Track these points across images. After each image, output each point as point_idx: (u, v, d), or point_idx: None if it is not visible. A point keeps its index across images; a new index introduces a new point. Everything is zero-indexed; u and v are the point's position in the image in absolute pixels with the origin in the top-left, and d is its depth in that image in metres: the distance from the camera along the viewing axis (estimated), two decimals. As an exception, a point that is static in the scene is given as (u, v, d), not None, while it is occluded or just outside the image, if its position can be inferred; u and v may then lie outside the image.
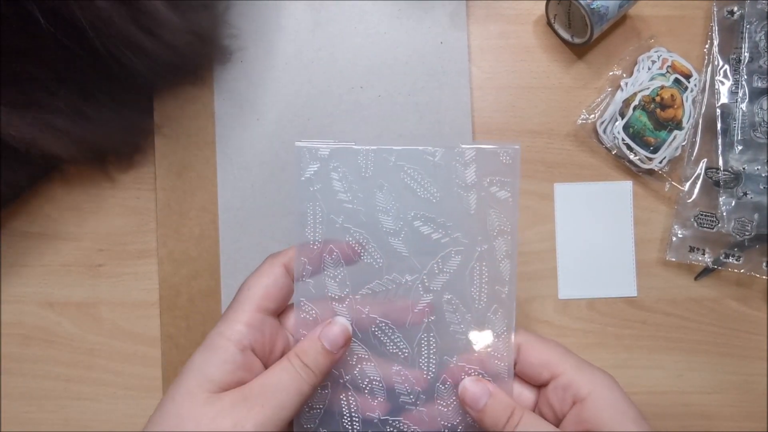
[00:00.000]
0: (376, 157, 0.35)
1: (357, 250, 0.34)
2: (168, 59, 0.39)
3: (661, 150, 0.46)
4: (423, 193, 0.35)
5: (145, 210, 0.46)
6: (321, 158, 0.34)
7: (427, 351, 0.35)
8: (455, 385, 0.34)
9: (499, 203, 0.35)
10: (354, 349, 0.35)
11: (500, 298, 0.35)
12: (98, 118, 0.41)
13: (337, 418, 0.35)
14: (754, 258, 0.46)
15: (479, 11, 0.48)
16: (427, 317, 0.35)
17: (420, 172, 0.35)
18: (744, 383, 0.47)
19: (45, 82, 0.38)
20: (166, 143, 0.45)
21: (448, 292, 0.35)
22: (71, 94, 0.39)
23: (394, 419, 0.35)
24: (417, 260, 0.35)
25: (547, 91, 0.48)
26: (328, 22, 0.46)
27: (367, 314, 0.34)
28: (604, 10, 0.43)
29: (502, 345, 0.34)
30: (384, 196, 0.35)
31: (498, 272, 0.35)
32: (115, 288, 0.46)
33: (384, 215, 0.35)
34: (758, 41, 0.46)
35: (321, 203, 0.35)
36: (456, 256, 0.35)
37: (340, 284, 0.35)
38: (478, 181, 0.35)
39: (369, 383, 0.35)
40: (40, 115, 0.38)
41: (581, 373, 0.32)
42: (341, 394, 0.35)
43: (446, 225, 0.35)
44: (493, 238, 0.35)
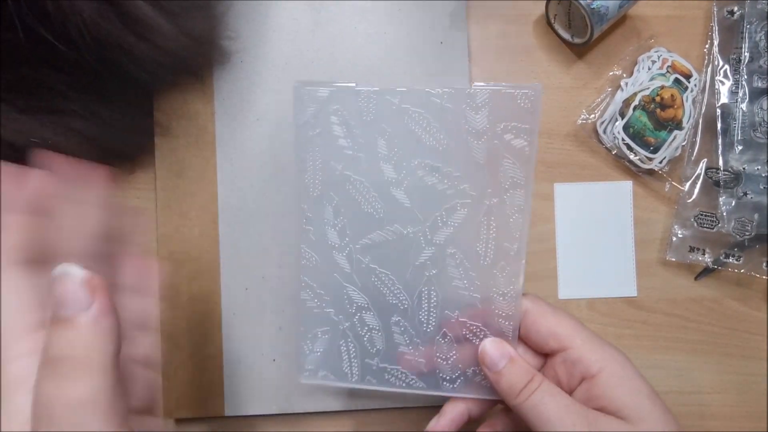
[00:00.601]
0: (378, 100, 0.32)
1: None
2: (164, 62, 0.40)
3: (661, 150, 0.46)
4: (428, 139, 0.32)
5: (146, 210, 0.46)
6: (320, 100, 0.33)
7: (428, 304, 0.34)
8: (456, 340, 0.34)
9: (514, 152, 0.32)
10: (353, 297, 0.34)
11: (508, 255, 0.33)
12: (111, 118, 0.41)
13: (336, 361, 0.35)
14: (754, 258, 0.46)
15: (479, 11, 0.48)
16: (429, 270, 0.34)
17: (426, 117, 0.32)
18: (744, 383, 0.47)
19: (57, 86, 0.38)
20: (167, 143, 0.45)
21: (452, 246, 0.33)
22: (84, 97, 0.39)
23: (392, 367, 0.35)
24: (420, 212, 0.33)
25: (547, 91, 0.48)
26: (328, 22, 0.46)
27: (367, 264, 0.34)
28: (604, 10, 0.43)
29: (507, 304, 0.33)
30: (386, 142, 0.33)
31: (508, 228, 0.33)
32: (115, 288, 0.46)
33: (386, 163, 0.33)
34: (758, 41, 0.46)
35: (320, 149, 0.33)
36: (462, 209, 0.33)
37: (339, 233, 0.34)
38: (490, 127, 0.32)
39: (368, 331, 0.34)
40: (59, 119, 0.39)
41: (592, 349, 0.31)
42: (340, 340, 0.35)
43: (453, 175, 0.32)
44: (505, 191, 0.32)
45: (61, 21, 0.34)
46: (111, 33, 0.35)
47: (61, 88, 0.38)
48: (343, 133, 0.33)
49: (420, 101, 0.32)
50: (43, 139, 0.38)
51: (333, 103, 0.33)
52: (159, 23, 0.37)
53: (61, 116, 0.39)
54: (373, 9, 0.46)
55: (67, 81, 0.38)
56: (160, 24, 0.37)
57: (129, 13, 0.36)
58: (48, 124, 0.38)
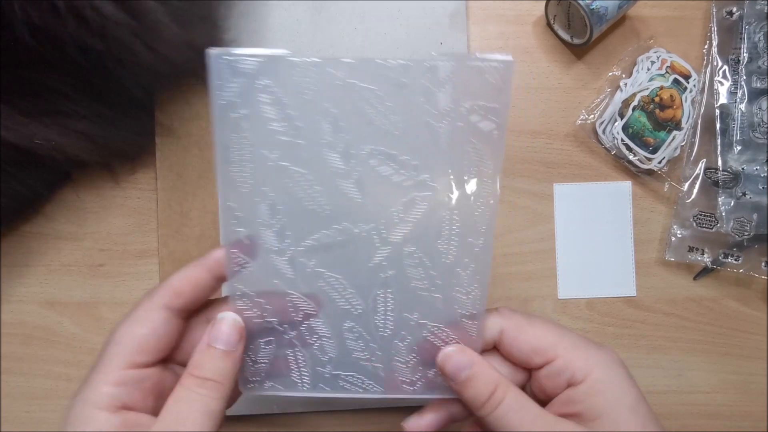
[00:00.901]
0: (319, 73, 0.27)
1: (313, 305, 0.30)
2: (166, 71, 0.40)
3: (660, 150, 0.46)
4: (382, 122, 0.27)
5: (146, 210, 0.46)
6: (246, 74, 0.26)
7: (384, 308, 0.30)
8: (416, 343, 0.30)
9: (482, 136, 0.27)
10: (299, 304, 0.30)
11: (473, 251, 0.29)
12: (113, 119, 0.41)
13: (285, 371, 0.31)
14: (753, 258, 0.46)
15: (479, 12, 0.48)
16: (385, 272, 0.29)
17: (378, 94, 0.27)
18: (743, 383, 0.47)
19: (60, 88, 0.38)
20: (168, 144, 0.45)
21: (410, 244, 0.29)
22: (86, 98, 0.39)
23: (346, 374, 0.31)
24: (373, 207, 0.28)
25: (547, 91, 0.48)
26: (328, 23, 0.46)
27: (313, 268, 0.29)
28: (603, 10, 0.43)
29: (471, 303, 0.29)
30: (331, 125, 0.27)
31: (472, 222, 0.28)
32: (116, 288, 0.46)
33: (331, 151, 0.28)
34: (757, 42, 0.46)
35: (248, 134, 0.27)
36: (422, 203, 0.28)
37: (278, 235, 0.28)
38: (454, 106, 0.27)
39: (318, 339, 0.30)
40: (61, 120, 0.39)
41: (577, 356, 0.28)
42: (287, 350, 0.31)
43: (411, 164, 0.28)
44: (470, 182, 0.28)
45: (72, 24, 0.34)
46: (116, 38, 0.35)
47: (64, 89, 0.38)
48: (277, 115, 0.27)
49: (371, 75, 0.27)
50: (47, 140, 0.38)
51: (262, 77, 0.26)
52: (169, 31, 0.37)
53: (63, 117, 0.39)
54: (373, 9, 0.47)
55: (70, 82, 0.38)
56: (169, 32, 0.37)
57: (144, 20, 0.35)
58: (51, 125, 0.38)
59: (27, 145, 0.38)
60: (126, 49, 0.36)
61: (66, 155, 0.40)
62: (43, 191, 0.44)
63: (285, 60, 0.26)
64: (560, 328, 0.30)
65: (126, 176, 0.46)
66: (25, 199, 0.43)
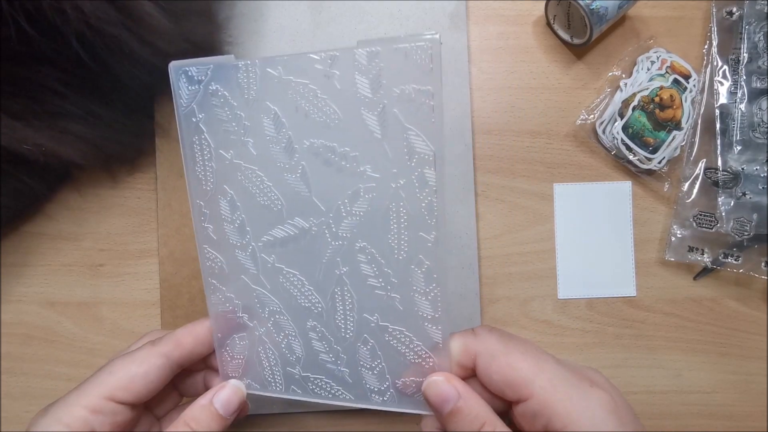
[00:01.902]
0: (259, 72, 0.28)
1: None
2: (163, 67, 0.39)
3: (660, 150, 0.46)
4: (318, 114, 0.27)
5: (146, 210, 0.46)
6: (199, 81, 0.29)
7: (343, 307, 0.29)
8: (379, 347, 0.29)
9: (417, 121, 0.26)
10: (264, 300, 0.30)
11: (425, 246, 0.27)
12: (111, 120, 0.41)
13: (258, 369, 0.31)
14: (753, 258, 0.46)
15: (479, 12, 0.48)
16: (339, 268, 0.29)
17: (311, 88, 0.27)
18: (743, 383, 0.47)
19: (54, 87, 0.38)
20: (167, 144, 0.45)
21: (361, 239, 0.28)
22: (82, 98, 0.39)
23: (315, 377, 0.30)
24: (320, 201, 0.28)
25: (547, 91, 0.48)
26: (328, 23, 0.46)
27: (273, 263, 0.30)
28: (603, 10, 0.43)
29: (432, 306, 0.27)
30: (272, 122, 0.28)
31: (420, 214, 0.27)
32: (116, 288, 0.46)
33: (275, 146, 0.28)
34: (757, 42, 0.46)
35: (207, 136, 0.29)
36: (366, 194, 0.28)
37: (239, 230, 0.30)
38: (385, 92, 0.26)
39: (285, 337, 0.31)
40: (55, 122, 0.38)
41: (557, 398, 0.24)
42: (258, 347, 0.31)
43: (350, 155, 0.27)
44: (413, 170, 0.26)
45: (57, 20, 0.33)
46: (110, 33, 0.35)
47: (59, 88, 0.38)
48: (227, 116, 0.29)
49: (303, 70, 0.27)
50: (37, 145, 0.38)
51: (213, 82, 0.29)
52: (162, 25, 0.37)
53: (57, 119, 0.38)
54: (373, 9, 0.47)
55: (65, 81, 0.38)
56: (163, 26, 0.37)
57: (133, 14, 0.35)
58: (44, 128, 0.38)
59: (18, 150, 0.37)
60: (120, 43, 0.36)
61: (60, 159, 0.39)
62: (43, 190, 0.44)
63: (229, 65, 0.28)
64: (541, 358, 0.26)
65: (125, 176, 0.46)
66: (25, 198, 0.43)
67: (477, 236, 0.46)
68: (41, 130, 0.38)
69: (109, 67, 0.37)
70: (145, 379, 0.29)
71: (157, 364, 0.29)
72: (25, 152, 0.38)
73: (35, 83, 0.37)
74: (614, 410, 0.24)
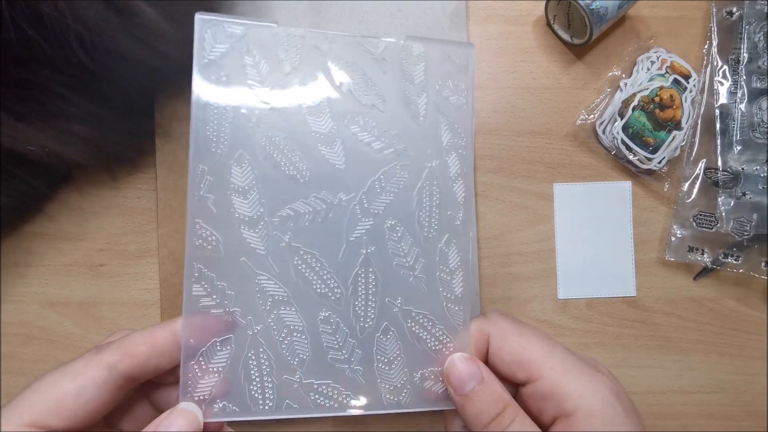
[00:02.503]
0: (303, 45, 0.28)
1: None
2: (165, 69, 0.40)
3: (660, 150, 0.46)
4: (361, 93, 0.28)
5: (146, 210, 0.46)
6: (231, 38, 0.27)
7: (365, 291, 0.28)
8: (400, 336, 0.28)
9: (453, 111, 0.29)
10: (268, 288, 0.27)
11: (453, 225, 0.29)
12: (112, 121, 0.41)
13: (243, 384, 0.26)
14: (752, 258, 0.46)
15: (479, 12, 0.48)
16: (366, 248, 0.28)
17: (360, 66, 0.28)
18: (743, 383, 0.47)
19: (56, 89, 0.38)
20: (167, 144, 0.45)
21: (392, 216, 0.28)
22: (84, 100, 0.39)
23: (320, 383, 0.27)
24: (354, 175, 0.28)
25: (547, 91, 0.48)
26: (328, 23, 0.46)
27: (288, 243, 0.27)
28: (603, 10, 0.43)
29: (457, 285, 0.28)
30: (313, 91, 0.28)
31: (451, 194, 0.29)
32: (116, 288, 0.46)
33: (312, 116, 0.27)
34: (757, 42, 0.46)
35: (229, 96, 0.27)
36: (402, 172, 0.28)
37: (251, 202, 0.27)
38: (428, 82, 0.29)
39: (288, 335, 0.27)
40: (58, 124, 0.38)
41: (566, 381, 0.25)
42: (249, 351, 0.26)
43: (390, 134, 0.28)
44: (446, 153, 0.29)
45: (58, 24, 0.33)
46: (112, 37, 0.35)
47: (60, 90, 0.38)
48: (260, 79, 0.27)
49: (352, 51, 0.28)
50: (41, 146, 0.38)
51: (248, 43, 0.27)
52: (163, 29, 0.37)
53: (60, 120, 0.39)
54: (373, 9, 0.47)
55: (67, 83, 0.38)
56: (164, 30, 0.37)
57: (132, 17, 0.35)
58: (47, 129, 0.38)
59: (21, 150, 0.37)
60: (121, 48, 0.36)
61: (62, 160, 0.39)
62: (44, 190, 0.44)
63: (272, 29, 0.27)
64: (551, 343, 0.27)
65: (126, 176, 0.46)
66: (27, 198, 0.43)
67: (477, 236, 0.46)
68: (44, 131, 0.38)
69: (110, 70, 0.37)
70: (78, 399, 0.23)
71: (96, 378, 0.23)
72: (29, 153, 0.38)
73: (38, 86, 0.37)
74: (617, 394, 0.25)
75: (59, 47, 0.34)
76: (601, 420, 0.24)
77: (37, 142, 0.37)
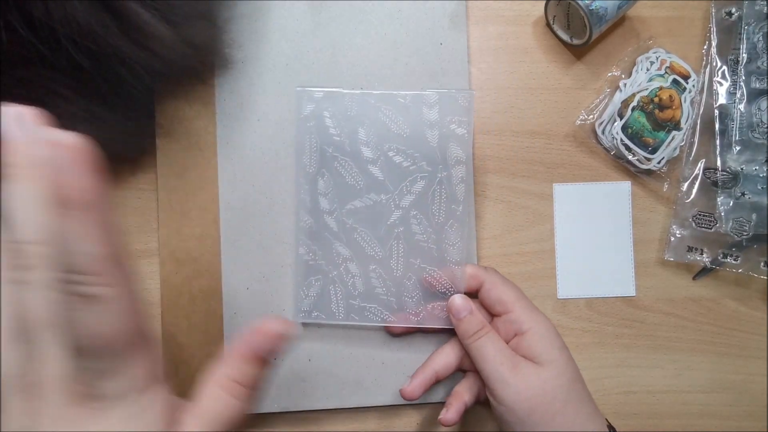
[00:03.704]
0: (359, 100, 0.43)
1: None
2: (163, 71, 0.40)
3: (660, 150, 0.46)
4: (396, 128, 0.43)
5: (147, 210, 0.46)
6: (316, 100, 0.44)
7: (396, 254, 0.44)
8: (419, 282, 0.43)
9: (457, 138, 0.43)
10: (340, 250, 0.44)
11: (456, 214, 0.43)
12: (113, 120, 0.41)
13: (326, 303, 0.44)
14: (752, 258, 0.46)
15: (479, 12, 0.48)
16: (397, 228, 0.43)
17: (393, 112, 0.43)
18: (743, 383, 0.47)
19: (58, 89, 0.38)
20: (168, 144, 0.46)
21: (414, 209, 0.43)
22: (86, 99, 0.39)
23: (370, 305, 0.44)
24: (390, 183, 0.43)
25: (546, 91, 0.48)
26: (329, 23, 0.47)
27: (351, 225, 0.44)
28: (602, 11, 0.44)
29: (457, 252, 0.43)
30: (365, 130, 0.43)
31: (454, 194, 0.43)
32: (117, 287, 0.46)
33: (364, 147, 0.43)
34: (756, 42, 0.46)
35: (315, 136, 0.43)
36: (421, 180, 0.43)
37: (330, 201, 0.44)
38: (440, 119, 0.43)
39: (351, 277, 0.44)
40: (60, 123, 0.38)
41: (526, 314, 0.40)
42: (330, 286, 0.44)
43: (414, 155, 0.43)
44: (451, 167, 0.43)
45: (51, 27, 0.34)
46: (107, 41, 0.35)
47: (61, 90, 0.38)
48: (333, 124, 0.43)
49: (389, 101, 0.43)
50: None
51: (325, 102, 0.43)
52: (159, 31, 0.37)
53: (63, 120, 0.39)
54: (373, 9, 0.47)
55: (67, 83, 0.38)
56: (160, 32, 0.37)
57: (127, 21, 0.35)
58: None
59: None
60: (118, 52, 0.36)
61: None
62: None
63: (339, 92, 0.44)
64: (521, 294, 0.42)
65: (126, 177, 0.46)
66: None
67: (476, 236, 0.46)
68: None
69: (108, 72, 0.38)
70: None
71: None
72: None
73: (40, 86, 0.37)
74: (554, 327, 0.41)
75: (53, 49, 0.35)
76: (542, 336, 0.40)
77: None
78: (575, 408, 0.38)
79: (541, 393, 0.38)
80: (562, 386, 0.38)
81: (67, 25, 0.34)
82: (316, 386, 0.45)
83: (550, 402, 0.37)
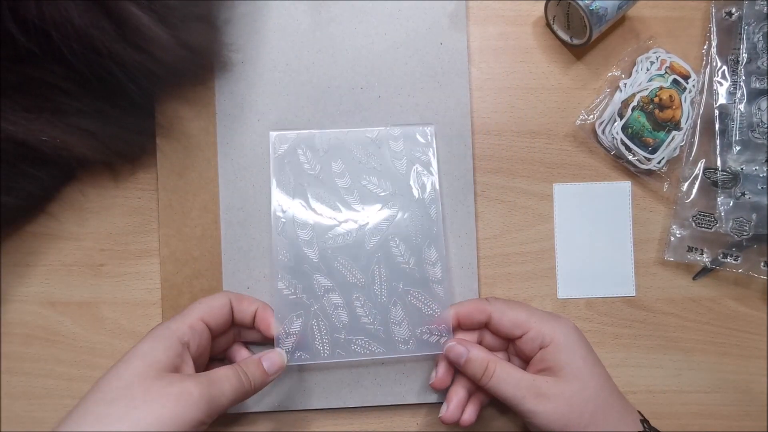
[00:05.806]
0: (331, 138, 0.45)
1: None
2: (161, 74, 0.40)
3: (660, 150, 0.46)
4: (367, 161, 0.45)
5: (147, 210, 0.46)
6: (289, 140, 0.45)
7: (379, 279, 0.44)
8: (404, 306, 0.43)
9: (423, 164, 0.45)
10: (321, 281, 0.43)
11: (432, 234, 0.44)
12: (115, 117, 0.41)
13: (310, 340, 0.43)
14: (752, 258, 0.46)
15: (479, 12, 0.48)
16: (377, 253, 0.44)
17: (364, 146, 0.45)
18: (742, 383, 0.47)
19: (63, 86, 0.38)
20: (168, 144, 0.46)
21: (392, 234, 0.44)
22: (90, 96, 0.39)
23: (356, 338, 0.43)
24: (367, 212, 0.44)
25: (546, 91, 0.48)
26: (329, 23, 0.47)
27: (331, 253, 0.44)
28: (603, 11, 0.44)
29: (438, 271, 0.44)
30: (338, 164, 0.45)
31: (428, 215, 0.44)
32: (117, 287, 0.46)
33: (339, 178, 0.45)
34: (756, 42, 0.46)
35: (291, 172, 0.45)
36: (395, 206, 0.45)
37: (308, 232, 0.44)
38: (406, 150, 0.45)
39: (335, 309, 0.43)
40: (67, 119, 0.39)
41: (545, 326, 0.40)
42: (312, 321, 0.43)
43: (386, 184, 0.45)
44: (422, 190, 0.45)
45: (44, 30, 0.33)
46: (104, 44, 0.35)
47: (65, 86, 0.38)
48: (307, 161, 0.45)
49: (359, 138, 0.45)
50: (53, 137, 0.38)
51: (299, 142, 0.45)
52: (157, 34, 0.37)
53: (67, 115, 0.39)
54: (373, 10, 0.47)
55: (71, 79, 0.38)
56: (157, 35, 0.37)
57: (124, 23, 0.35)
58: (56, 122, 0.39)
59: (34, 143, 0.38)
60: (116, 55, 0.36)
61: (71, 153, 0.40)
62: (50, 189, 0.44)
63: (312, 134, 0.45)
64: (531, 308, 0.42)
65: (127, 176, 0.46)
66: (33, 198, 0.43)
67: (476, 236, 0.46)
68: (54, 123, 0.39)
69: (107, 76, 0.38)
70: (221, 310, 0.40)
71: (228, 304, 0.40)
72: (42, 145, 0.38)
73: (44, 82, 0.38)
74: (574, 327, 0.41)
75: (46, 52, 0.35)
76: (564, 346, 0.40)
77: (49, 133, 0.38)
78: (603, 415, 0.38)
79: (569, 411, 0.38)
80: (589, 398, 0.38)
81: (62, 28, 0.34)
82: (316, 386, 0.45)
83: (578, 416, 0.38)
